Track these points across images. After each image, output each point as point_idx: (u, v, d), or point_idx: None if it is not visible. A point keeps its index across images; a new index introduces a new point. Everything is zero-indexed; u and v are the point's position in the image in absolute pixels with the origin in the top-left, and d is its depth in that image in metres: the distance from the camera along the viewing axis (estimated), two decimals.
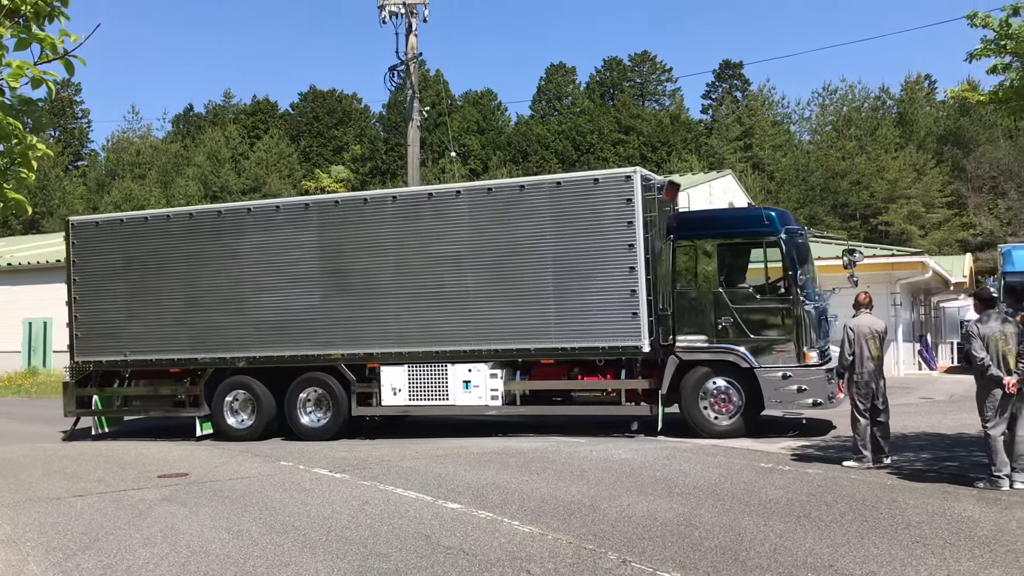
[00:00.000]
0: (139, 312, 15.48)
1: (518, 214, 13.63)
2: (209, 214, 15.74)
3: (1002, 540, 6.75)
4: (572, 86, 78.39)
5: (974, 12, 9.72)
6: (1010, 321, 8.87)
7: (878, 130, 59.78)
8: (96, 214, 22.55)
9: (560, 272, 13.39)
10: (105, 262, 15.79)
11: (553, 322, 13.37)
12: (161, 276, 15.39)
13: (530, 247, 13.55)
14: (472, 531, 7.62)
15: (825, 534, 7.13)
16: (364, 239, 14.41)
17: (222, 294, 15.06)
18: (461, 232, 13.92)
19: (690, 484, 9.42)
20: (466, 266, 13.87)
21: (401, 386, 14.16)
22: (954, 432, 12.82)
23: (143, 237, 15.63)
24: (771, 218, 13.49)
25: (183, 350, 15.21)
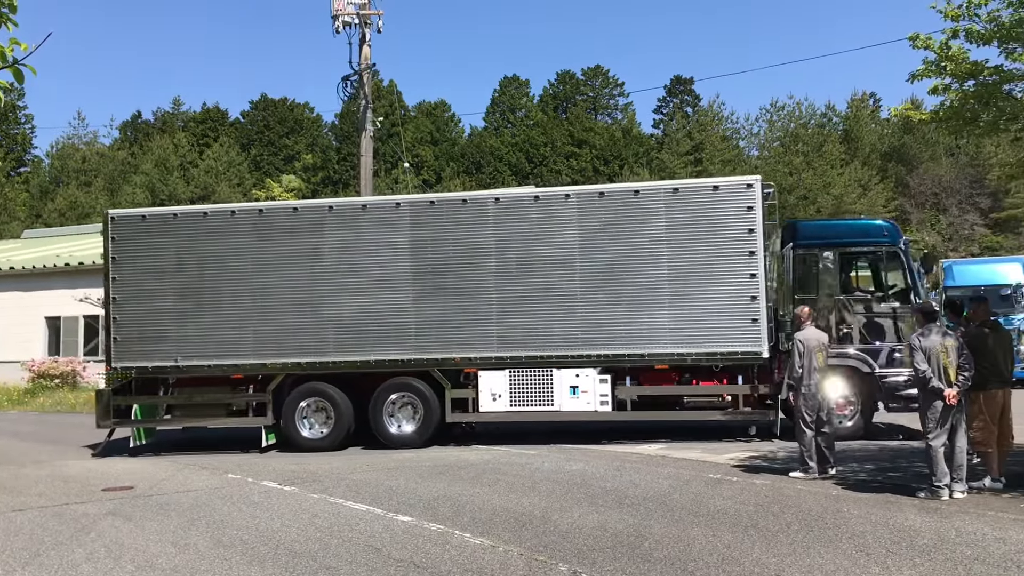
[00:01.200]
0: (194, 314, 14.50)
1: (631, 219, 13.67)
2: (282, 211, 14.91)
3: (942, 549, 6.92)
4: (526, 99, 78.65)
5: (916, 34, 10.02)
6: (951, 335, 9.11)
7: (824, 146, 60.92)
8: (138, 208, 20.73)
9: (676, 277, 13.47)
10: (152, 259, 14.68)
11: (668, 327, 13.43)
12: (222, 275, 14.50)
13: (644, 252, 13.60)
14: (423, 544, 7.59)
15: (772, 544, 7.24)
16: (462, 240, 14.10)
17: (296, 295, 14.31)
18: (570, 236, 13.85)
19: (640, 495, 9.49)
20: (575, 270, 13.79)
21: (501, 392, 13.94)
22: (896, 444, 13.11)
23: (200, 233, 14.66)
24: (891, 229, 14.09)
25: (248, 355, 14.35)
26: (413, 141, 69.07)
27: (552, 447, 13.69)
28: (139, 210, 15.94)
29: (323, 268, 14.31)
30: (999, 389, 9.31)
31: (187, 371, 14.51)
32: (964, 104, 10.09)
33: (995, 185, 50.78)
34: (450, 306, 13.95)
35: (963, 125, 10.18)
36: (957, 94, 10.05)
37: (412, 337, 14.01)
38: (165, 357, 14.49)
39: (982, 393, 9.17)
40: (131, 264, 14.74)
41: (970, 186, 54.70)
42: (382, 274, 14.19)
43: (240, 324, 14.39)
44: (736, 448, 12.87)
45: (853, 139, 63.95)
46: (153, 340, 14.53)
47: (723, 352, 13.29)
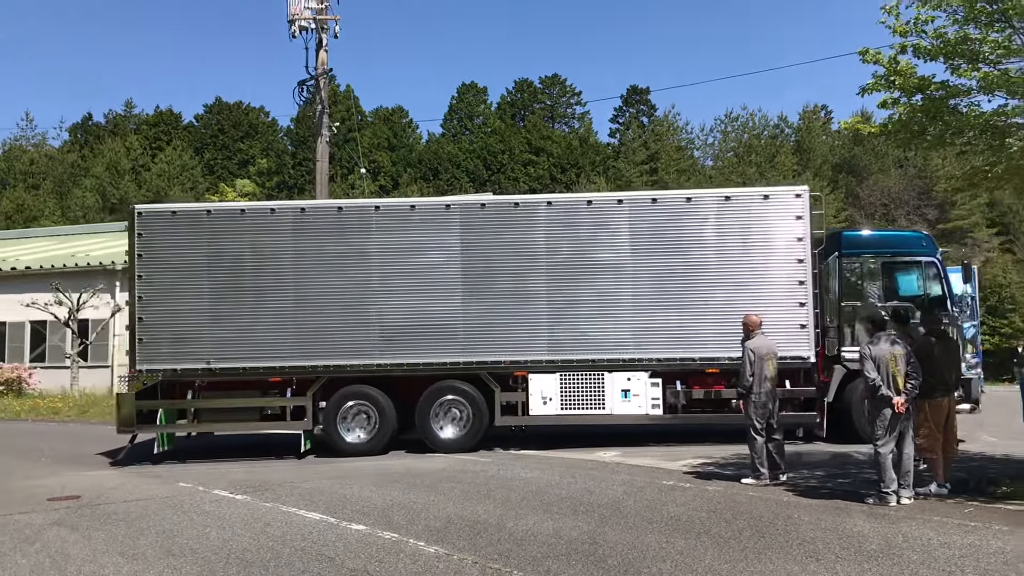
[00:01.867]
0: (229, 314, 14.01)
1: (683, 225, 13.94)
2: (326, 210, 14.66)
3: (889, 554, 7.04)
4: (484, 106, 78.78)
5: (866, 49, 10.21)
6: (899, 343, 9.29)
7: (777, 157, 61.91)
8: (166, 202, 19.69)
9: (726, 283, 13.76)
10: (183, 257, 14.13)
11: (718, 332, 13.59)
12: (260, 275, 14.07)
13: (695, 258, 13.90)
14: (376, 552, 7.54)
15: (724, 550, 7.31)
16: (513, 243, 14.12)
17: (339, 296, 14.03)
18: (622, 240, 14.04)
19: (595, 502, 9.53)
20: (626, 275, 13.97)
21: (552, 395, 13.94)
22: (845, 450, 13.32)
23: (236, 231, 14.20)
24: (928, 240, 14.89)
25: (288, 356, 13.97)
26: (370, 147, 68.80)
27: (509, 453, 13.71)
28: (169, 205, 15.51)
29: (369, 269, 14.12)
30: (944, 397, 9.51)
31: (220, 374, 14.04)
32: (912, 118, 10.29)
33: (942, 197, 51.94)
34: (500, 309, 13.95)
35: (911, 138, 10.39)
36: (905, 108, 10.24)
37: (461, 339, 13.95)
38: (196, 359, 13.99)
39: (928, 401, 9.36)
40: (159, 262, 14.16)
41: (918, 197, 55.90)
42: (430, 276, 14.09)
43: (279, 325, 14.02)
44: (690, 455, 12.98)
45: (805, 150, 65.06)
46: (183, 341, 14.00)
47: None
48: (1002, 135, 9.76)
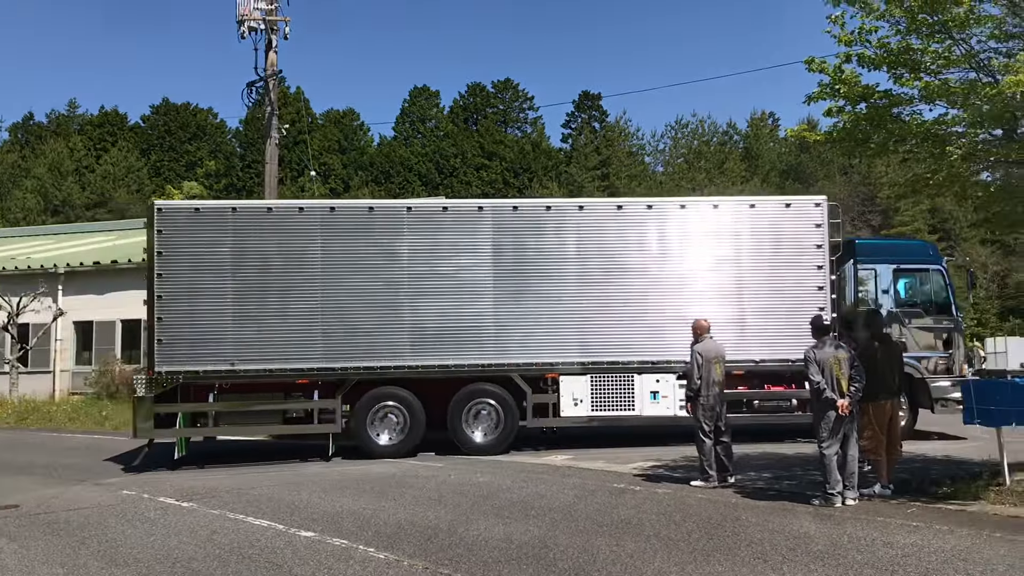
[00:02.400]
0: (255, 314, 13.72)
1: (709, 231, 14.38)
2: (357, 210, 14.59)
3: (835, 554, 7.15)
4: (436, 109, 78.56)
5: (811, 58, 10.39)
6: (843, 347, 9.46)
7: (726, 163, 62.70)
8: None
9: (750, 287, 14.24)
10: (206, 255, 13.76)
11: (743, 335, 14.05)
12: (287, 274, 13.84)
13: (720, 263, 14.33)
14: (325, 559, 7.46)
15: (673, 553, 7.37)
16: (545, 247, 14.28)
17: (370, 297, 13.93)
18: (650, 245, 14.40)
19: (546, 506, 9.54)
20: (655, 278, 14.30)
21: (583, 397, 14.12)
22: (792, 452, 13.53)
23: (263, 230, 13.91)
24: (934, 249, 16.15)
25: (316, 358, 13.78)
26: (320, 149, 68.23)
27: (460, 459, 13.66)
28: (191, 202, 15.16)
29: (400, 269, 14.06)
30: (887, 400, 9.70)
31: (245, 376, 13.71)
32: (856, 126, 10.50)
33: (886, 203, 53.04)
34: (531, 311, 14.09)
35: (855, 146, 10.60)
36: (850, 116, 10.45)
37: (492, 342, 14.02)
38: (219, 360, 13.66)
39: (872, 404, 9.54)
40: (180, 260, 13.75)
41: (862, 204, 57.00)
42: (462, 277, 14.12)
43: (307, 326, 13.83)
44: (640, 458, 13.07)
45: (753, 157, 66.04)
46: (205, 342, 13.67)
47: (793, 359, 13.53)
48: (942, 143, 9.99)
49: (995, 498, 8.92)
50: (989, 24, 9.69)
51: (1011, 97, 8.18)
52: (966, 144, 9.48)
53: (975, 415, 9.44)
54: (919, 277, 15.29)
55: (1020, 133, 9.34)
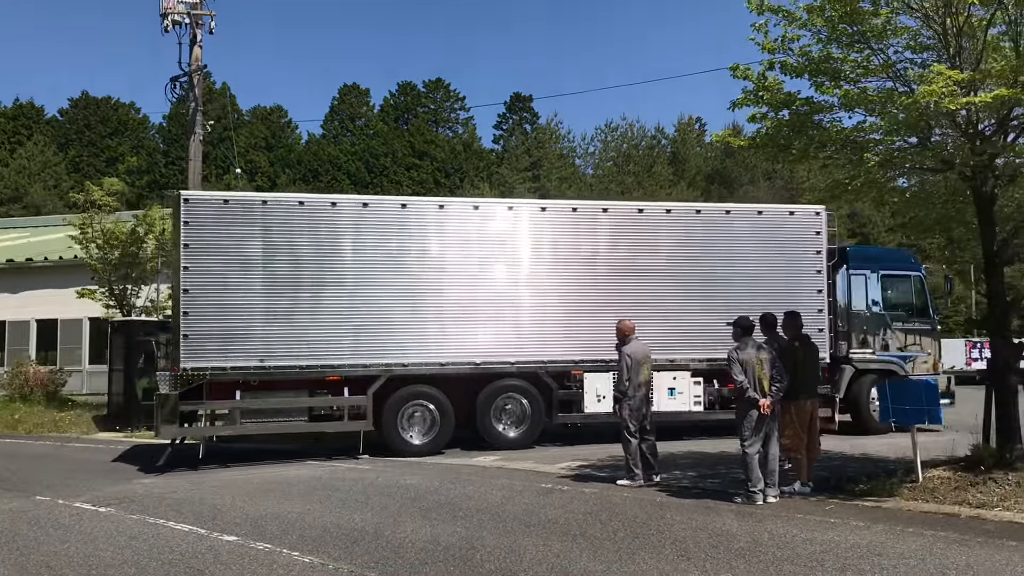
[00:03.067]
0: (285, 309, 13.48)
1: (722, 236, 15.09)
2: (389, 205, 14.53)
3: (756, 551, 7.30)
4: (366, 108, 77.90)
5: (736, 65, 10.57)
6: (765, 348, 9.67)
7: (654, 167, 63.58)
8: None
9: (758, 290, 14.59)
10: (234, 248, 13.38)
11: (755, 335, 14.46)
12: (319, 269, 13.65)
13: (732, 266, 14.98)
14: (248, 564, 7.32)
15: (599, 552, 7.42)
16: (572, 248, 14.67)
17: (400, 293, 13.87)
18: (670, 248, 14.96)
19: (473, 507, 9.53)
20: (673, 280, 14.82)
21: (605, 393, 14.22)
22: (716, 451, 13.77)
23: (294, 223, 13.67)
24: (915, 257, 17.64)
25: (347, 355, 13.63)
26: (247, 147, 67.00)
27: (387, 461, 13.56)
28: (219, 193, 14.67)
29: (430, 267, 14.09)
30: (808, 400, 9.95)
31: (274, 372, 13.40)
32: (779, 132, 10.73)
33: None
34: (557, 311, 14.30)
35: (778, 152, 10.82)
36: (772, 122, 10.67)
37: (521, 339, 14.18)
38: (248, 357, 13.32)
39: (792, 403, 9.77)
40: (208, 253, 13.33)
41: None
42: (490, 275, 14.28)
43: (339, 322, 13.68)
44: (568, 458, 13.16)
45: (680, 161, 67.09)
46: (233, 337, 13.29)
47: None
48: (861, 150, 10.28)
49: (908, 495, 9.21)
50: (905, 35, 10.01)
51: (925, 106, 8.46)
52: (883, 151, 9.77)
53: (890, 414, 9.74)
54: (902, 282, 16.61)
55: (934, 141, 9.67)
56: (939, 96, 8.12)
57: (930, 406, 9.26)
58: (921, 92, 8.21)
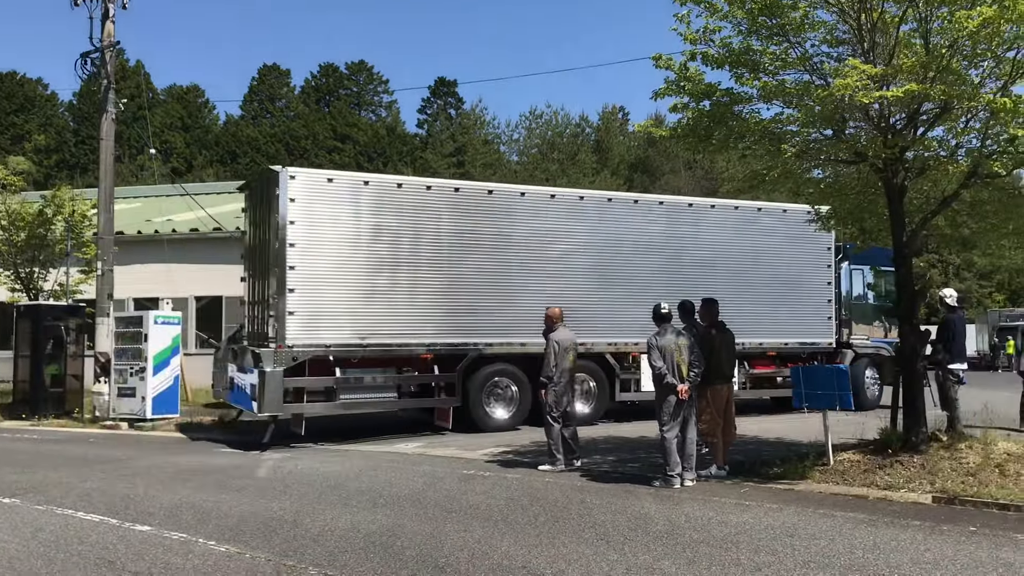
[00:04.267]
0: (384, 289, 13.85)
1: (754, 231, 16.64)
2: (478, 192, 15.27)
3: (673, 534, 7.43)
4: (286, 89, 76.45)
5: (659, 55, 10.64)
6: (684, 334, 9.83)
7: (578, 155, 63.97)
8: None
9: (782, 281, 16.67)
10: (337, 227, 13.59)
11: (775, 321, 16.70)
12: (416, 250, 14.14)
13: (759, 258, 16.65)
14: (162, 554, 7.13)
15: (520, 537, 7.46)
16: (633, 238, 15.83)
17: (487, 276, 14.56)
18: (713, 241, 16.36)
19: (395, 494, 9.47)
20: (714, 269, 16.13)
21: None
22: (636, 435, 13.99)
23: (393, 204, 14.08)
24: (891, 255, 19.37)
25: (440, 334, 14.26)
26: (162, 126, 65.05)
27: (308, 447, 13.39)
28: (323, 171, 15.11)
29: (513, 252, 14.88)
30: (724, 385, 10.17)
31: (374, 350, 13.68)
32: (699, 122, 10.86)
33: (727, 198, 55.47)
34: (620, 296, 15.27)
35: (699, 142, 10.95)
36: (693, 112, 10.79)
37: (590, 322, 14.71)
38: (350, 334, 13.61)
39: (709, 388, 9.97)
40: (313, 230, 13.46)
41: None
42: (565, 262, 15.21)
43: (432, 302, 14.25)
44: (491, 444, 13.19)
45: (604, 149, 67.62)
46: (336, 316, 13.52)
47: (809, 342, 17.21)
48: (778, 141, 10.49)
49: (819, 477, 9.49)
50: (822, 29, 10.23)
51: (840, 99, 8.67)
52: (800, 143, 9.98)
53: (803, 399, 10.02)
54: (890, 276, 17.49)
55: (848, 134, 9.92)
56: (853, 89, 8.32)
57: (841, 391, 9.55)
58: (836, 85, 8.41)
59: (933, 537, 7.05)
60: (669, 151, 62.79)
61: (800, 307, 16.95)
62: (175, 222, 26.31)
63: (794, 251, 16.71)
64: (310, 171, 14.68)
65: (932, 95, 8.34)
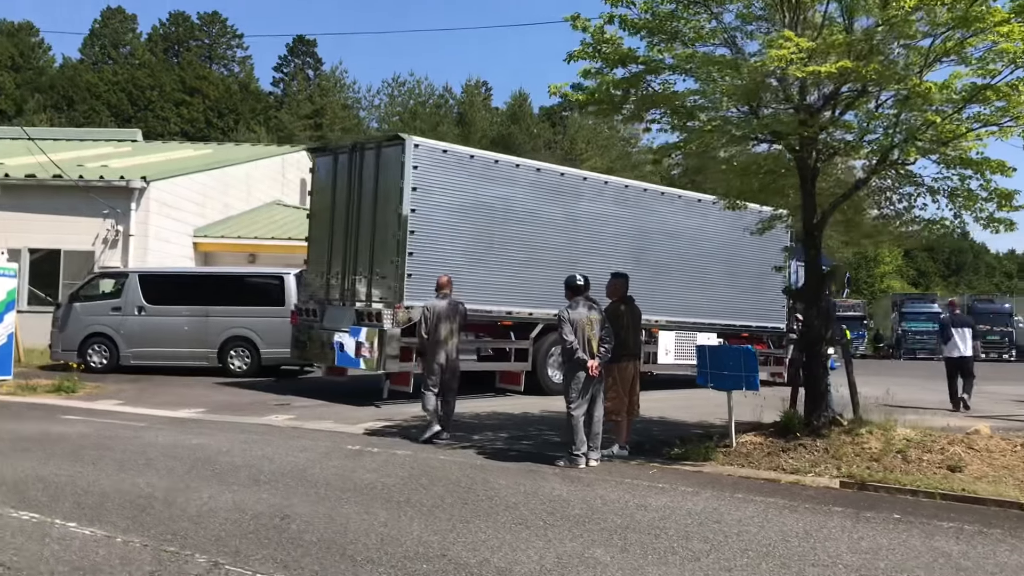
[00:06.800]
0: (482, 258, 14.91)
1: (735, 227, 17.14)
2: (553, 173, 16.50)
3: (594, 519, 6.96)
4: (132, 35, 71.71)
5: (576, 14, 10.12)
6: (596, 308, 9.39)
7: (440, 126, 63.01)
8: None
9: (751, 272, 18.67)
10: (446, 196, 14.52)
11: (750, 307, 19.14)
12: (505, 223, 15.24)
13: (738, 252, 18.41)
14: (13, 538, 6.06)
15: (430, 520, 6.81)
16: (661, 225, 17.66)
17: (556, 251, 15.62)
18: (714, 235, 18.42)
19: (277, 471, 8.61)
20: (713, 260, 18.50)
21: (670, 348, 17.66)
22: (520, 411, 13.56)
23: (490, 179, 15.15)
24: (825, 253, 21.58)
25: (519, 303, 15.34)
26: None
27: (166, 416, 12.23)
28: (439, 143, 15.79)
29: (575, 230, 16.19)
30: (630, 362, 9.81)
31: (471, 316, 13.61)
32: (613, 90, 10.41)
33: None
34: (648, 277, 16.20)
35: (612, 110, 10.51)
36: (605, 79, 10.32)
37: None
38: None
39: (616, 365, 9.58)
40: (428, 197, 14.29)
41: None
42: (613, 243, 16.52)
43: (515, 273, 15.30)
44: (369, 417, 12.47)
45: (467, 123, 66.95)
46: None
47: (770, 326, 19.66)
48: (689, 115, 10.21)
49: (723, 459, 9.28)
50: (740, 3, 9.98)
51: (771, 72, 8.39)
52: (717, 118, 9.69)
53: (708, 379, 9.79)
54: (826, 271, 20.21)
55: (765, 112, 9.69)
56: (787, 62, 8.06)
57: (748, 372, 9.36)
58: (771, 56, 8.11)
59: (861, 525, 6.88)
60: (531, 130, 63.01)
61: (765, 296, 19.16)
62: (7, 166, 23.83)
63: (763, 247, 18.04)
64: (429, 141, 15.44)
65: (865, 74, 8.17)
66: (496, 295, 15.03)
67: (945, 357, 16.38)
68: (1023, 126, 9.19)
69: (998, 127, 9.20)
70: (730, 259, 18.71)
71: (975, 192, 9.56)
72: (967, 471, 8.32)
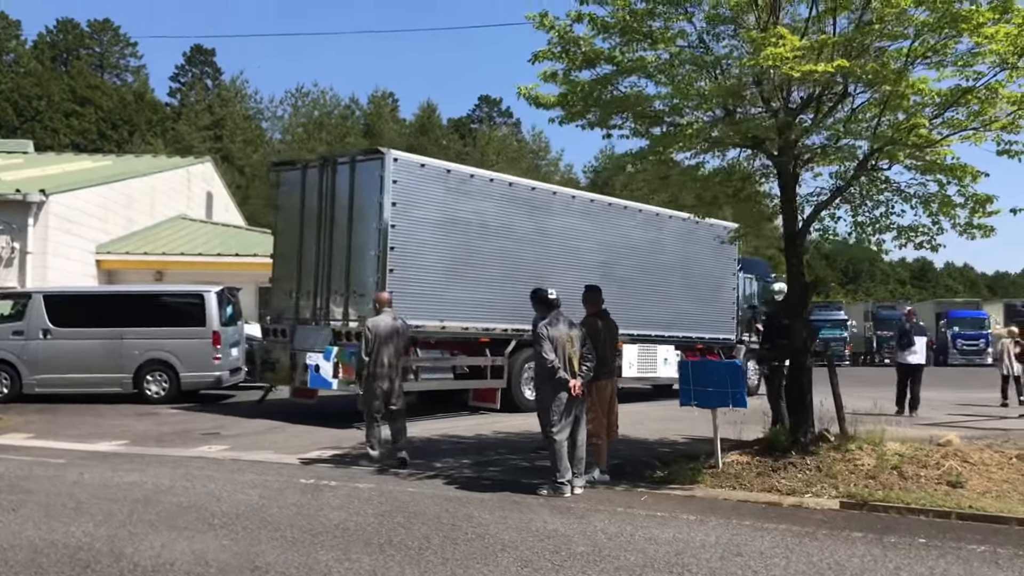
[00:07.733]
0: (460, 274, 14.52)
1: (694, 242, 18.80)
2: (524, 187, 16.29)
3: (604, 556, 6.31)
4: (16, 42, 67.72)
5: (545, 12, 9.51)
6: (576, 325, 8.75)
7: (347, 137, 61.68)
8: None
9: (705, 287, 19.31)
10: (425, 212, 14.14)
11: (703, 320, 19.35)
12: (481, 238, 14.95)
13: (692, 266, 19.06)
14: None
15: (422, 566, 6.04)
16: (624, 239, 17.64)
17: (527, 266, 15.18)
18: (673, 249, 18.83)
19: (230, 511, 7.67)
20: (671, 272, 18.68)
21: (634, 361, 17.41)
22: (472, 433, 12.85)
23: (465, 193, 14.80)
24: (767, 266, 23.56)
25: (496, 319, 15.03)
26: None
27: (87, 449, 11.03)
28: (417, 156, 15.43)
29: (546, 244, 15.99)
30: (608, 380, 9.23)
31: (447, 334, 14.28)
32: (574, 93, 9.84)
33: None
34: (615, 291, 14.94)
35: (580, 114, 9.89)
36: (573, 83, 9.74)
37: None
38: (432, 316, 14.09)
39: (595, 384, 8.95)
40: (408, 212, 13.85)
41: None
42: (579, 258, 16.31)
43: (491, 289, 14.92)
44: (310, 446, 11.56)
45: (375, 134, 65.64)
46: (424, 297, 13.86)
47: (722, 337, 19.98)
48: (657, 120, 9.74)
49: (712, 481, 8.74)
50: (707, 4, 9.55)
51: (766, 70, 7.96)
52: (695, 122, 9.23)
53: (692, 396, 9.27)
54: (762, 285, 21.13)
55: (743, 115, 9.26)
56: (782, 60, 7.63)
57: (734, 388, 8.87)
58: (766, 54, 7.66)
59: (891, 552, 6.42)
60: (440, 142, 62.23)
61: (716, 309, 19.70)
62: None
63: (715, 260, 19.19)
64: (407, 155, 14.98)
65: (861, 74, 7.82)
66: (474, 312, 14.82)
67: (900, 363, 16.83)
68: (996, 131, 9.07)
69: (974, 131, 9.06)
70: (686, 272, 19.01)
71: (951, 198, 9.37)
72: (968, 487, 8.02)
